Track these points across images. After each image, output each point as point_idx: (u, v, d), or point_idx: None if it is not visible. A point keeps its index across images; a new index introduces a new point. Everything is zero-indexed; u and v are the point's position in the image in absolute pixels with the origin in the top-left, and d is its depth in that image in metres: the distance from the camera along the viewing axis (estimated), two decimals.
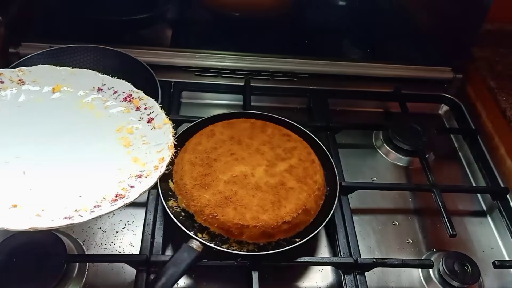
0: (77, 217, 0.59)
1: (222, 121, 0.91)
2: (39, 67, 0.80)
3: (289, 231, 0.77)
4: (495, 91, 1.08)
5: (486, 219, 0.94)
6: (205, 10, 1.13)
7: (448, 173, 1.02)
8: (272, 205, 0.77)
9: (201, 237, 0.74)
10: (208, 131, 0.89)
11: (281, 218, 0.75)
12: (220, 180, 0.80)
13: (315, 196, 0.80)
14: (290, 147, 0.87)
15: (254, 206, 0.76)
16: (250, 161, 0.83)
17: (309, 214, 0.79)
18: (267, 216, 0.75)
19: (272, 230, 0.75)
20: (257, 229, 0.74)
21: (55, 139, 0.73)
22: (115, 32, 1.11)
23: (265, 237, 0.75)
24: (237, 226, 0.74)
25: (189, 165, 0.81)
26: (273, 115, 0.94)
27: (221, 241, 0.75)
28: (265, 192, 0.78)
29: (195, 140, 0.87)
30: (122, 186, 0.66)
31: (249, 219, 0.75)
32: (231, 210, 0.76)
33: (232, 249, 0.74)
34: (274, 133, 0.89)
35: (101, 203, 0.63)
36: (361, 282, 0.76)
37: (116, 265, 0.77)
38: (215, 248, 0.73)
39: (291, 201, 0.78)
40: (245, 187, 0.79)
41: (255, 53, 1.16)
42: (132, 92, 0.79)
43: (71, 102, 0.79)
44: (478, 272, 0.79)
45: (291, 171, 0.82)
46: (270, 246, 0.76)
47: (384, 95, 1.14)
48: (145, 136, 0.74)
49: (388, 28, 1.14)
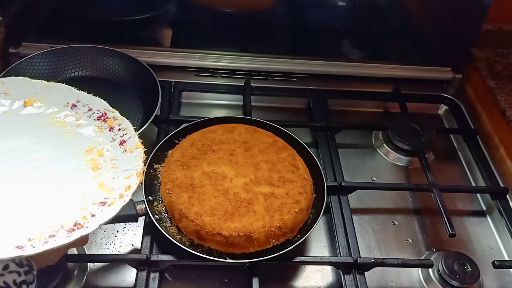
0: (29, 248, 0.53)
1: (246, 125, 0.91)
2: (13, 79, 0.75)
3: (223, 245, 0.74)
4: (494, 91, 1.08)
5: (486, 219, 0.94)
6: (205, 10, 1.13)
7: (447, 173, 1.02)
8: (223, 214, 0.74)
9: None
10: (230, 126, 0.89)
11: (211, 228, 0.73)
12: (200, 168, 0.81)
13: (266, 231, 0.74)
14: (288, 178, 0.81)
15: (207, 205, 0.75)
16: (241, 168, 0.82)
17: (251, 244, 0.74)
18: (208, 219, 0.73)
19: (205, 234, 0.73)
20: (192, 224, 0.74)
21: (19, 158, 0.67)
22: (115, 32, 1.11)
23: (196, 237, 0.75)
24: (178, 211, 0.75)
25: (189, 144, 0.85)
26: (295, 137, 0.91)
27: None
28: (228, 200, 0.76)
29: (211, 128, 0.88)
30: (83, 213, 0.60)
31: (190, 212, 0.74)
32: (186, 196, 0.77)
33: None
34: (285, 158, 0.84)
35: (57, 232, 0.57)
36: (361, 281, 0.77)
37: (117, 265, 0.77)
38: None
39: (242, 221, 0.74)
40: (215, 185, 0.78)
41: (255, 54, 1.16)
42: (107, 111, 0.73)
43: (42, 118, 0.73)
44: (478, 272, 0.79)
45: (267, 198, 0.77)
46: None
47: (383, 95, 1.14)
48: (115, 160, 0.68)
49: (387, 28, 1.14)
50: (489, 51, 1.20)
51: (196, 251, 0.73)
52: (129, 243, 0.81)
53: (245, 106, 1.04)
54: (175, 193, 0.77)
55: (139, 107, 0.99)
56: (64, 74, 1.03)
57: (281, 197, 0.78)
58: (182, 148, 0.85)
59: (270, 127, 0.92)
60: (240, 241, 0.72)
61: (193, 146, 0.85)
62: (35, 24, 1.10)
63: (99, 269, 0.77)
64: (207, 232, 0.73)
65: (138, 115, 0.97)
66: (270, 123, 0.93)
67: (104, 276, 0.76)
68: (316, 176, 0.85)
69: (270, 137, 0.89)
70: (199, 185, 0.78)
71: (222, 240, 0.72)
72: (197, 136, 0.87)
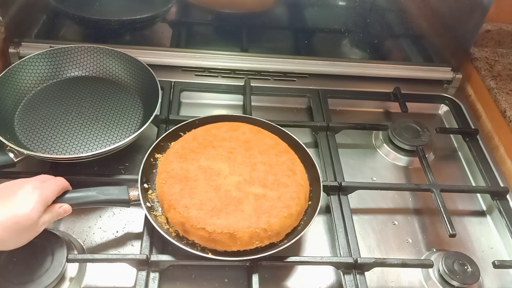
0: None
1: (254, 125, 0.90)
2: None
3: (206, 240, 0.73)
4: (494, 91, 1.08)
5: (486, 219, 0.94)
6: (205, 10, 1.13)
7: (447, 173, 1.02)
8: (211, 209, 0.74)
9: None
10: (234, 125, 0.90)
11: (196, 222, 0.73)
12: (197, 162, 0.81)
13: (250, 232, 0.73)
14: (283, 182, 0.80)
15: (197, 199, 0.75)
16: (237, 167, 0.81)
17: (234, 243, 0.73)
18: (195, 213, 0.73)
19: (189, 227, 0.74)
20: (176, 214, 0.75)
21: None
22: (115, 32, 1.11)
23: (181, 229, 0.75)
24: (167, 202, 0.76)
25: (192, 137, 0.86)
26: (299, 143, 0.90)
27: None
28: (218, 196, 0.76)
29: (216, 125, 0.89)
30: None
31: (179, 204, 0.75)
32: (177, 188, 0.77)
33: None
34: (284, 162, 0.83)
35: None
36: (361, 282, 0.76)
37: (116, 265, 0.77)
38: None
39: (227, 219, 0.73)
40: (208, 181, 0.78)
41: (255, 53, 1.16)
42: None
43: None
44: (478, 272, 0.79)
45: (258, 199, 0.76)
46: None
47: (384, 95, 1.14)
48: None
49: (387, 28, 1.14)
50: (489, 51, 1.20)
51: (181, 243, 0.73)
52: (129, 243, 0.81)
53: (245, 106, 1.04)
54: (168, 183, 0.78)
55: (139, 107, 0.99)
56: (64, 74, 1.03)
57: (272, 200, 0.77)
58: (184, 140, 0.86)
59: (278, 131, 0.91)
60: (222, 238, 0.72)
61: (195, 140, 0.85)
62: (35, 24, 1.09)
63: (99, 269, 0.77)
64: (191, 226, 0.73)
65: (138, 115, 0.97)
66: (280, 127, 0.91)
67: (104, 276, 0.76)
68: (314, 184, 0.84)
69: (273, 139, 0.88)
70: (192, 178, 0.79)
71: (205, 235, 0.72)
72: (200, 131, 0.88)
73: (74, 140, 0.91)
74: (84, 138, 0.91)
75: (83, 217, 0.83)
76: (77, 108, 0.97)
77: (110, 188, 0.77)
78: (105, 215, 0.85)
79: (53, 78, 1.02)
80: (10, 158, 0.81)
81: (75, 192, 0.75)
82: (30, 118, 0.94)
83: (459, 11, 1.10)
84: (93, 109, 0.97)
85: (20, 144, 0.88)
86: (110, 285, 0.75)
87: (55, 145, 0.89)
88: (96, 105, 0.98)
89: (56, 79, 1.02)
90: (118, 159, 0.91)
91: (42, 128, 0.92)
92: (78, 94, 1.00)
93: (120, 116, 0.97)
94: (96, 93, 1.01)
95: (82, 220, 0.83)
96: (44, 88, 1.00)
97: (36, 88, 1.00)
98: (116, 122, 0.95)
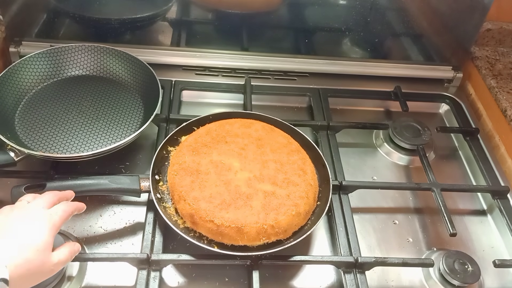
0: None
1: (267, 123, 0.91)
2: None
3: (213, 233, 0.74)
4: (495, 90, 1.08)
5: (487, 218, 0.94)
6: (206, 9, 1.12)
7: (448, 172, 1.02)
8: (220, 203, 0.75)
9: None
10: (248, 122, 0.90)
11: (205, 214, 0.74)
12: (209, 156, 0.82)
13: (258, 228, 0.74)
14: (293, 181, 0.80)
15: (207, 192, 0.77)
16: (248, 163, 0.82)
17: (241, 237, 0.74)
18: (204, 205, 0.74)
19: (198, 219, 0.75)
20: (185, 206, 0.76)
21: None
22: (116, 31, 1.11)
23: (190, 220, 0.76)
24: (178, 193, 0.77)
25: (205, 132, 0.87)
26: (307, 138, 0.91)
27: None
28: (228, 191, 0.77)
29: (230, 121, 0.90)
30: None
31: (189, 196, 0.76)
32: (188, 180, 0.78)
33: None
34: (295, 161, 0.84)
35: None
36: (362, 281, 0.77)
37: (117, 264, 0.77)
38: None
39: (236, 213, 0.74)
40: (219, 175, 0.79)
41: (256, 52, 1.16)
42: None
43: None
44: (479, 271, 0.79)
45: (267, 196, 0.77)
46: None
47: (384, 94, 1.14)
48: None
49: (388, 27, 1.14)
50: (489, 50, 1.20)
51: (188, 236, 0.74)
52: (129, 242, 0.81)
53: (246, 105, 1.04)
54: (179, 175, 0.79)
55: (139, 106, 0.99)
56: (64, 73, 1.03)
57: (281, 197, 0.78)
58: (197, 134, 0.87)
59: (291, 130, 0.91)
60: (230, 232, 0.73)
61: (208, 135, 0.86)
62: (35, 23, 1.09)
63: (99, 268, 0.77)
64: (200, 218, 0.74)
65: (139, 114, 0.97)
66: (297, 129, 0.92)
67: (105, 276, 0.76)
68: (324, 184, 0.85)
69: (286, 138, 0.89)
70: (204, 172, 0.80)
71: (213, 228, 0.73)
72: (214, 126, 0.89)
73: (74, 139, 0.91)
74: (84, 137, 0.91)
75: (84, 216, 0.83)
76: (78, 107, 0.97)
77: (122, 177, 0.80)
78: (106, 214, 0.85)
79: (53, 77, 1.02)
80: (11, 157, 0.81)
81: (88, 179, 0.77)
82: (31, 117, 0.94)
83: (460, 10, 1.10)
84: (94, 108, 0.97)
85: (21, 143, 0.88)
86: (111, 284, 0.75)
87: (55, 144, 0.89)
88: (97, 104, 0.98)
89: (56, 78, 1.02)
90: (118, 158, 0.91)
91: (42, 127, 0.92)
92: (79, 93, 1.00)
93: (120, 115, 0.97)
94: (96, 92, 1.01)
95: (83, 219, 0.83)
96: (45, 87, 1.00)
97: (37, 87, 1.00)
98: (116, 121, 0.95)
